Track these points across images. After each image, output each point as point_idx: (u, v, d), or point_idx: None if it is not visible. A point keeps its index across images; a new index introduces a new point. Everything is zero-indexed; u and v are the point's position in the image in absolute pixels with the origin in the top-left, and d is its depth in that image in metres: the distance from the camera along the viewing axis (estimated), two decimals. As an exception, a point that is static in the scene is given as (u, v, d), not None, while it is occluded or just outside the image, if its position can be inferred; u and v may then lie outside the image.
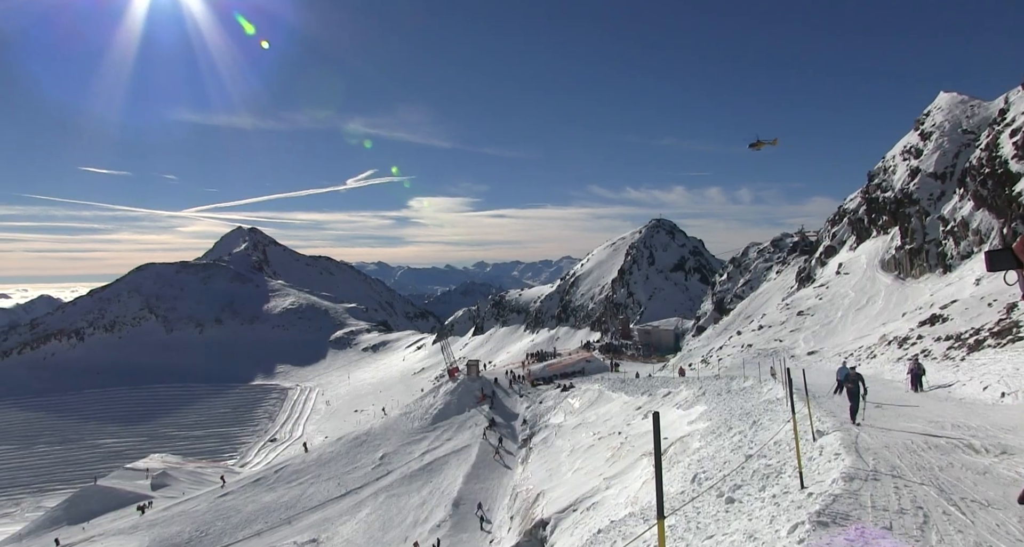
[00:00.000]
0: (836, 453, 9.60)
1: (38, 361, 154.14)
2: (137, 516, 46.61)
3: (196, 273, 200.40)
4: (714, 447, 15.54)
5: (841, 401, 16.18)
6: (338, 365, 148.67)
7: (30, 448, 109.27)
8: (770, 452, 11.61)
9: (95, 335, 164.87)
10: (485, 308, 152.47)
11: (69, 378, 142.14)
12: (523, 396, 47.83)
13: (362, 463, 41.17)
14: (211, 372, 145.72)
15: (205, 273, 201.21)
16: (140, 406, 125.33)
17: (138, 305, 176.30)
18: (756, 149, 49.69)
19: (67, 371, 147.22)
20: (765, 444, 12.45)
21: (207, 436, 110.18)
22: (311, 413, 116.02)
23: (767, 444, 12.36)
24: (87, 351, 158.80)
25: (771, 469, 10.11)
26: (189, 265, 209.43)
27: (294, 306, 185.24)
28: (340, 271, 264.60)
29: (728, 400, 23.16)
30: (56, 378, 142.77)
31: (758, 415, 17.19)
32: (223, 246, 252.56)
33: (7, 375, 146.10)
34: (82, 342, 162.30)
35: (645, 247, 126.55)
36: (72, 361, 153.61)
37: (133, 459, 79.03)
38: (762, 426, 15.29)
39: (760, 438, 13.78)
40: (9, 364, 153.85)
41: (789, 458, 10.28)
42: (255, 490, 42.08)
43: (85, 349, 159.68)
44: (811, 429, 12.12)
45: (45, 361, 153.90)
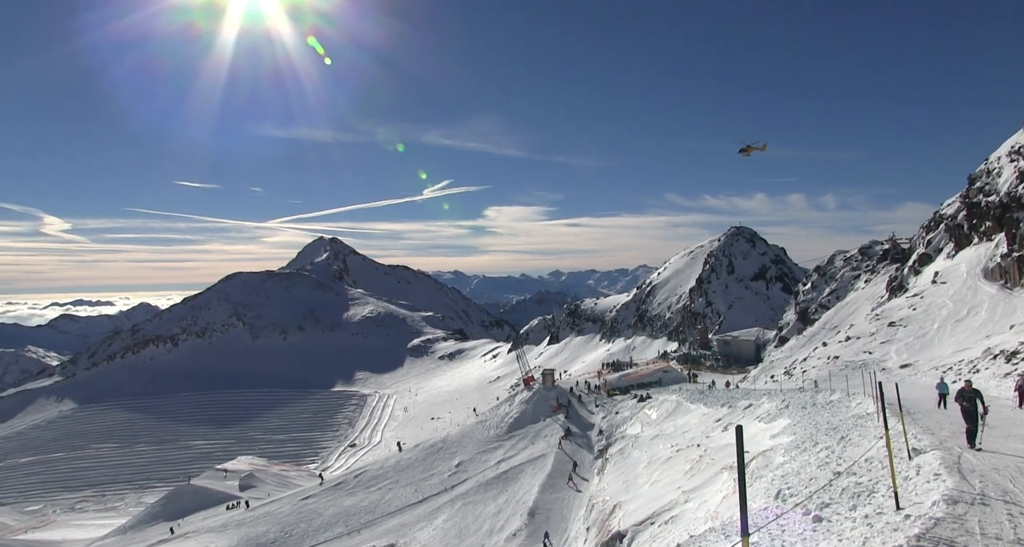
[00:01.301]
0: (936, 473, 8.97)
1: (138, 365, 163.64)
2: (226, 515, 48.65)
3: (280, 282, 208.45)
4: (799, 462, 14.89)
5: (943, 417, 15.23)
6: (415, 373, 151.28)
7: (131, 447, 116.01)
8: (860, 469, 11.01)
9: (188, 341, 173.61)
10: (560, 317, 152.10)
11: (165, 382, 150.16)
12: (599, 406, 47.32)
13: (439, 470, 41.62)
14: (294, 378, 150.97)
15: (288, 282, 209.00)
16: (228, 410, 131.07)
17: (227, 312, 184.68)
18: (745, 155, 48.04)
19: (163, 375, 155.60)
20: (855, 461, 11.83)
21: (290, 440, 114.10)
22: (389, 419, 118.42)
23: (857, 461, 11.73)
24: (181, 356, 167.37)
25: (862, 487, 9.58)
26: (274, 274, 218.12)
27: (373, 314, 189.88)
28: (417, 280, 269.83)
29: (813, 414, 22.20)
30: (153, 381, 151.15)
31: (846, 430, 16.38)
32: (305, 256, 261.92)
33: (111, 378, 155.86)
34: (176, 347, 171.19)
35: (724, 255, 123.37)
36: (167, 365, 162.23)
37: (222, 460, 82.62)
38: (851, 442, 14.55)
39: (849, 454, 13.11)
40: (113, 368, 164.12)
41: (882, 477, 9.72)
42: (336, 494, 43.17)
43: (179, 354, 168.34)
44: (906, 447, 11.42)
45: (144, 365, 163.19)
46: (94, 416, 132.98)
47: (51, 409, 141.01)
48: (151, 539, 47.28)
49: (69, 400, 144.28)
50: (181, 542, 42.26)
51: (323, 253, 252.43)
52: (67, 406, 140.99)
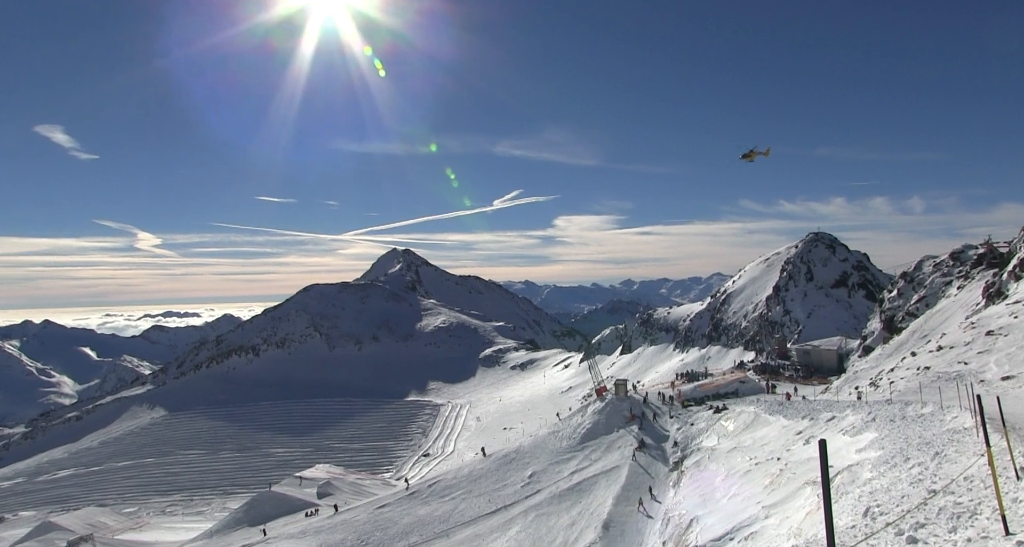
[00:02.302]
0: (1048, 495, 8.30)
1: (222, 374, 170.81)
2: (305, 522, 49.99)
3: (355, 293, 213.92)
4: (888, 479, 14.12)
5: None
6: (487, 383, 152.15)
7: (216, 454, 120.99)
8: (959, 489, 10.31)
9: (268, 351, 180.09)
10: (632, 327, 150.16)
11: (246, 390, 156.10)
12: (673, 417, 46.31)
13: (511, 480, 41.58)
14: (369, 387, 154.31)
15: (363, 293, 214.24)
16: (306, 418, 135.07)
17: (305, 323, 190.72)
18: (749, 160, 47.00)
19: (245, 384, 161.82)
20: (953, 479, 11.09)
21: (365, 449, 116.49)
22: (462, 429, 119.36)
23: (955, 479, 11.00)
24: (262, 366, 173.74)
25: (962, 508, 8.95)
26: (349, 285, 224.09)
27: (445, 324, 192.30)
28: (488, 290, 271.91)
29: (903, 427, 21.05)
30: (236, 390, 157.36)
31: (941, 446, 15.42)
32: (379, 267, 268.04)
33: (198, 386, 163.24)
34: (258, 357, 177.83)
35: (802, 262, 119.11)
36: (249, 375, 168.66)
37: (301, 468, 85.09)
38: (947, 458, 13.68)
39: (945, 472, 12.31)
40: (199, 376, 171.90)
41: (985, 497, 9.06)
42: (410, 503, 43.72)
43: (260, 364, 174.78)
44: (1013, 466, 10.62)
45: (227, 374, 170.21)
46: (182, 423, 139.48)
47: (144, 416, 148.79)
48: (235, 543, 49.02)
49: (160, 407, 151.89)
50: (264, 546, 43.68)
51: (396, 264, 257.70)
52: (158, 413, 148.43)
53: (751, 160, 47.18)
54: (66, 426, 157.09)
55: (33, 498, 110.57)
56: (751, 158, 47.06)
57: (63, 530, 69.21)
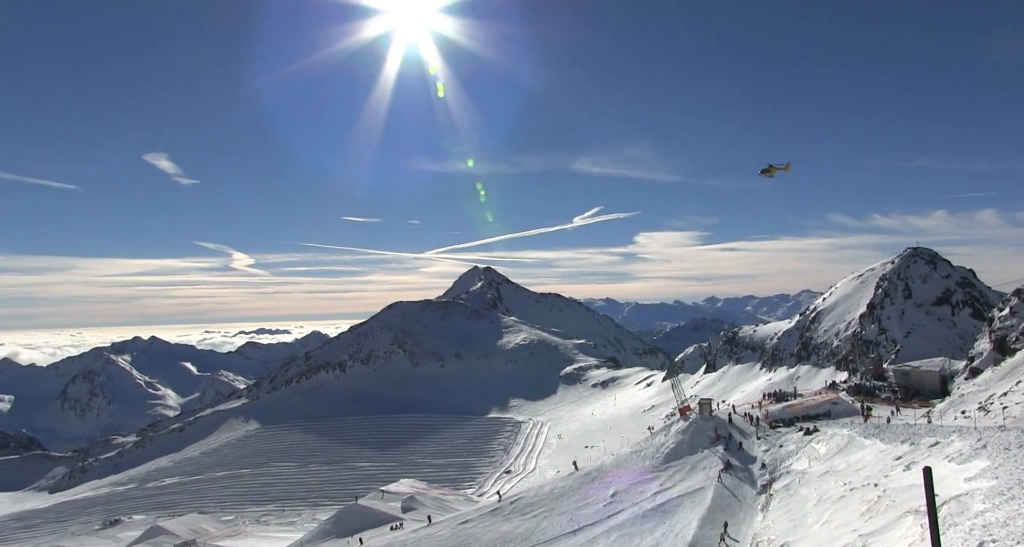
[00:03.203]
0: None
1: (311, 389, 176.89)
2: (390, 535, 50.95)
3: (438, 311, 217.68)
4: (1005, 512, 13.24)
5: None
6: (568, 400, 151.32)
7: (306, 467, 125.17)
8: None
9: (354, 367, 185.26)
10: (717, 345, 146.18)
11: (334, 405, 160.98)
12: (760, 438, 44.71)
13: (593, 500, 41.13)
14: (451, 404, 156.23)
15: (445, 311, 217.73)
16: (391, 433, 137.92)
17: (389, 340, 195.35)
18: (768, 176, 45.71)
19: (332, 399, 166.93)
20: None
21: (448, 465, 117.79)
22: (543, 447, 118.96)
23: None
24: (348, 381, 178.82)
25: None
26: (432, 303, 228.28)
27: (526, 342, 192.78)
28: (569, 307, 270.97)
29: (1020, 456, 19.67)
30: (324, 405, 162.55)
31: (1062, 475, 14.37)
32: (461, 285, 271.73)
33: (288, 401, 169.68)
34: (344, 373, 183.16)
35: (899, 279, 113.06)
36: (336, 390, 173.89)
37: (385, 482, 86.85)
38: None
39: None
40: (290, 391, 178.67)
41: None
42: (492, 520, 43.88)
43: (346, 379, 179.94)
44: None
45: (316, 390, 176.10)
46: (275, 436, 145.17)
47: (239, 428, 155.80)
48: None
49: (254, 421, 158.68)
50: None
51: (477, 282, 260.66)
52: (252, 426, 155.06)
53: (771, 176, 46.26)
54: (171, 437, 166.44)
55: (144, 503, 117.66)
56: (771, 174, 46.11)
57: (170, 534, 73.35)
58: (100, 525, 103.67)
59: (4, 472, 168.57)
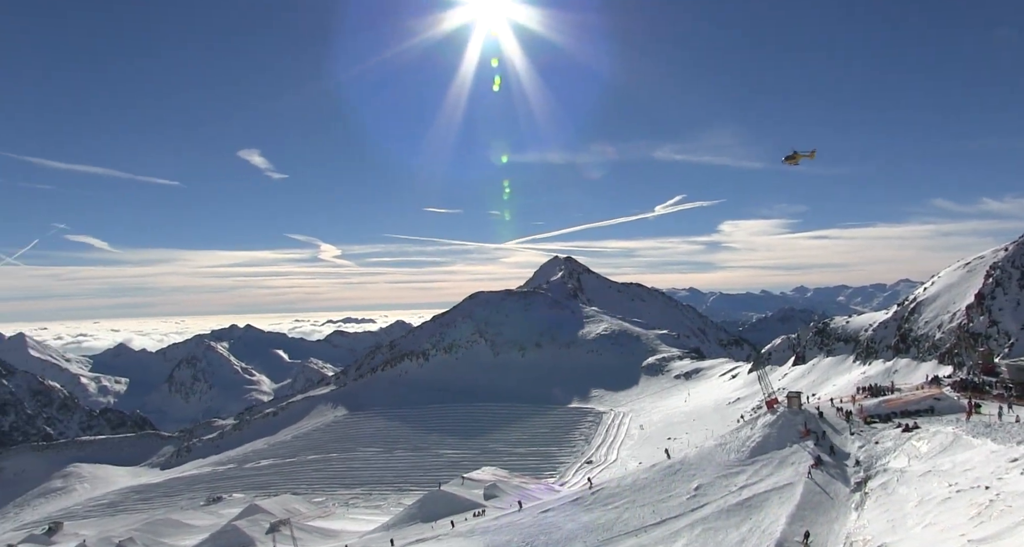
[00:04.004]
0: None
1: (395, 377, 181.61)
2: (473, 521, 51.78)
3: (518, 300, 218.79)
4: None
5: None
6: (650, 391, 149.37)
7: (391, 452, 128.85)
8: None
9: (437, 356, 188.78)
10: (806, 336, 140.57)
11: (417, 394, 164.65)
12: (854, 434, 42.71)
13: (676, 492, 40.46)
14: (532, 393, 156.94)
15: (526, 300, 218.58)
16: (473, 422, 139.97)
17: (470, 330, 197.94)
18: (793, 163, 43.66)
19: (416, 387, 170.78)
20: None
21: (529, 454, 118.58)
22: (625, 438, 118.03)
23: None
24: (431, 370, 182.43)
25: None
26: (512, 293, 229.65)
27: (607, 332, 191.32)
28: (651, 297, 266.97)
29: None
30: (408, 393, 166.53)
31: None
32: (541, 275, 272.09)
33: (374, 389, 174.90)
34: (427, 362, 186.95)
35: (1014, 267, 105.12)
36: (420, 378, 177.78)
37: (468, 469, 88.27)
38: None
39: None
40: (376, 379, 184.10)
41: None
42: (574, 509, 43.86)
43: (429, 368, 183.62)
44: None
45: (400, 378, 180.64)
46: (362, 422, 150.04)
47: (328, 414, 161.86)
48: (410, 537, 51.82)
49: (342, 407, 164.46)
50: (435, 543, 45.77)
51: (558, 272, 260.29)
52: (340, 412, 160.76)
53: (795, 163, 43.87)
54: (265, 421, 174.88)
55: (242, 482, 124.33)
56: (795, 161, 43.74)
57: (266, 513, 77.20)
58: (204, 501, 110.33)
59: (123, 449, 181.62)
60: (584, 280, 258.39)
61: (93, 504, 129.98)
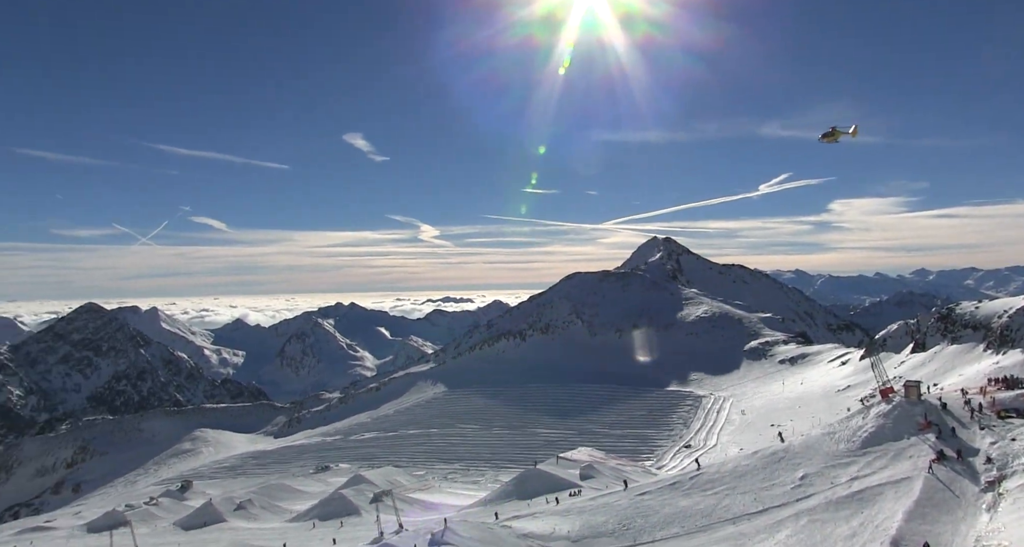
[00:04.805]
0: None
1: (493, 356, 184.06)
2: (568, 501, 51.76)
3: (615, 282, 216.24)
4: None
5: None
6: (752, 376, 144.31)
7: (489, 430, 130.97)
8: None
9: (534, 336, 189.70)
10: (928, 322, 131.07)
11: (514, 373, 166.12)
12: (984, 429, 39.34)
13: (780, 481, 38.79)
14: (629, 375, 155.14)
15: (623, 282, 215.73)
16: (569, 402, 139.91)
17: (567, 310, 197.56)
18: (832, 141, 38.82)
19: (513, 366, 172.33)
20: None
21: (625, 436, 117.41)
22: (725, 423, 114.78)
23: None
24: (528, 350, 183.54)
25: None
26: (609, 274, 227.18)
27: (707, 314, 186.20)
28: (754, 279, 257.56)
29: None
30: (505, 372, 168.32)
31: None
32: (639, 256, 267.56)
33: (472, 367, 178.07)
34: (524, 342, 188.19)
35: None
36: (516, 358, 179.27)
37: (564, 449, 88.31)
38: None
39: None
40: (473, 358, 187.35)
41: None
42: (671, 494, 42.96)
43: (526, 348, 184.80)
44: None
45: (497, 357, 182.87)
46: (460, 399, 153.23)
47: (428, 391, 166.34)
48: (507, 513, 52.43)
49: (441, 384, 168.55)
50: (530, 520, 46.01)
51: (656, 253, 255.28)
52: (440, 389, 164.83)
53: (835, 141, 39.49)
54: (369, 395, 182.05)
55: (347, 454, 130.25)
56: (835, 138, 39.35)
57: (370, 483, 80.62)
58: (313, 469, 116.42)
59: (241, 417, 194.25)
60: (683, 261, 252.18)
61: (217, 466, 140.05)
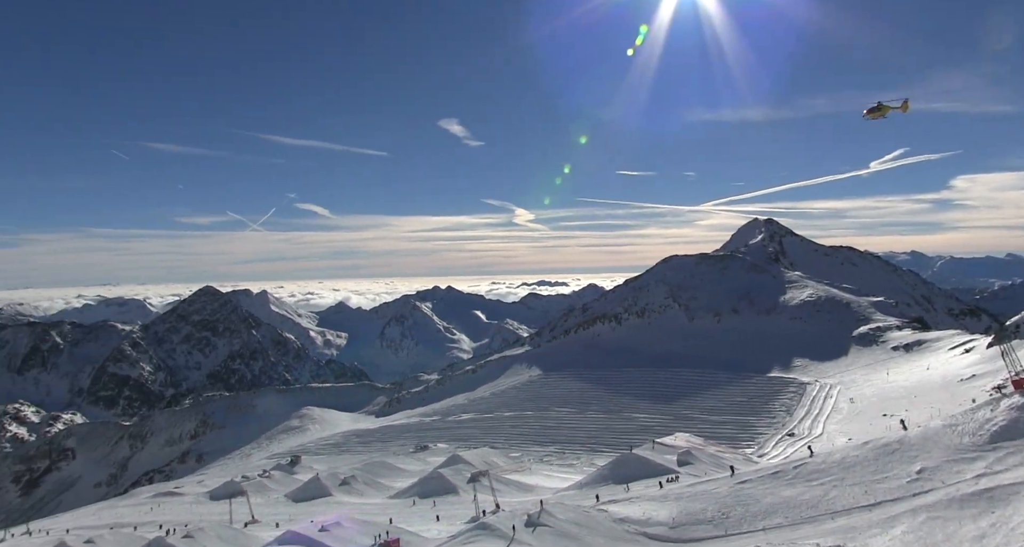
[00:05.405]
0: None
1: (588, 340, 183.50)
2: (666, 487, 51.00)
3: (714, 265, 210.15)
4: None
5: None
6: (862, 363, 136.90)
7: (584, 413, 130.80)
8: None
9: (629, 320, 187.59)
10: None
11: (610, 357, 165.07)
12: None
13: (894, 474, 36.57)
14: (728, 360, 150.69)
15: (722, 265, 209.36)
16: (665, 387, 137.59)
17: (663, 294, 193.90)
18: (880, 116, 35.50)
19: (608, 350, 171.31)
20: None
21: (724, 422, 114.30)
22: (832, 411, 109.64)
23: None
24: (623, 334, 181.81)
25: None
26: (708, 257, 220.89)
27: (812, 298, 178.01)
28: (864, 262, 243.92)
29: None
30: (600, 356, 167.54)
31: None
32: (739, 238, 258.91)
33: (568, 350, 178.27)
34: (619, 326, 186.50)
35: None
36: (612, 342, 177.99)
37: (660, 434, 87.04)
38: None
39: None
40: (568, 341, 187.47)
41: None
42: (773, 483, 41.48)
43: (622, 332, 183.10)
44: None
45: (592, 340, 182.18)
46: (555, 383, 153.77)
47: (523, 374, 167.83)
48: (603, 497, 52.26)
49: (536, 367, 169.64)
50: (626, 505, 45.65)
51: (757, 235, 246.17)
52: (535, 372, 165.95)
53: (883, 116, 34.92)
54: (465, 377, 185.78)
55: (444, 434, 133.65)
56: (882, 114, 34.80)
57: (467, 463, 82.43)
58: (413, 448, 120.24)
59: (343, 397, 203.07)
60: (786, 243, 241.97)
61: (323, 443, 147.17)
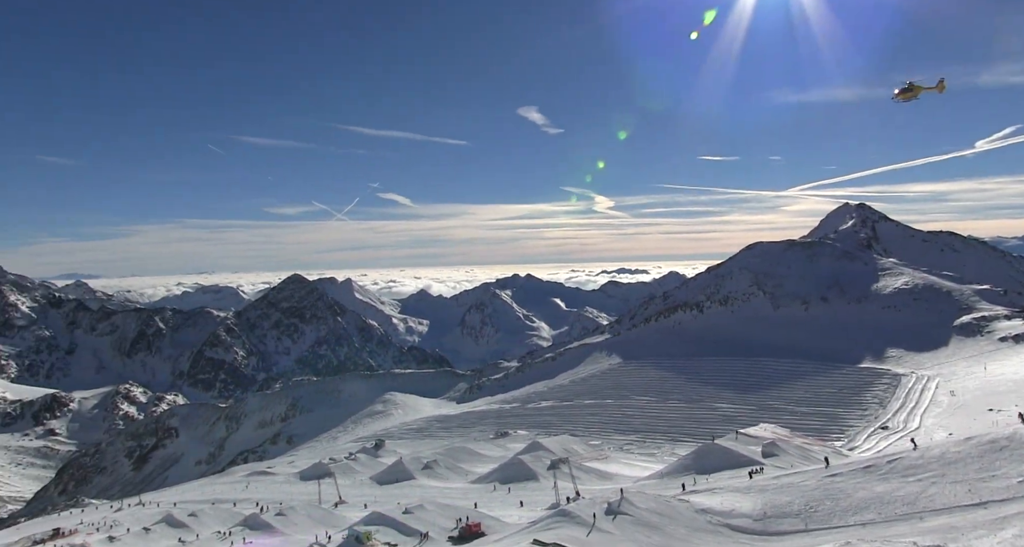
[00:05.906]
0: None
1: (669, 328, 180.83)
2: (748, 478, 50.16)
3: (801, 251, 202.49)
4: None
5: None
6: (964, 354, 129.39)
7: (664, 402, 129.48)
8: None
9: (712, 308, 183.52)
10: None
11: (691, 345, 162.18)
12: None
13: (1002, 473, 34.74)
14: (816, 350, 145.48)
15: (810, 251, 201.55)
16: (750, 377, 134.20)
17: (747, 282, 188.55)
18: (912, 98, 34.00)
19: (690, 339, 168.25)
20: None
21: (812, 414, 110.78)
22: (930, 404, 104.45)
23: None
24: (705, 322, 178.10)
25: None
26: (795, 243, 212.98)
27: (908, 286, 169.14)
28: (967, 247, 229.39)
29: None
30: (681, 344, 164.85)
31: None
32: (828, 224, 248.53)
33: (648, 338, 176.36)
34: (701, 314, 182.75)
35: None
36: (693, 330, 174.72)
37: (744, 425, 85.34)
38: None
39: None
40: (648, 330, 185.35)
41: None
42: (865, 477, 40.20)
43: (704, 320, 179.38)
44: None
45: (673, 329, 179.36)
46: (635, 371, 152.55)
47: (603, 362, 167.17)
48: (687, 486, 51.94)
49: (616, 355, 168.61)
50: (709, 496, 45.24)
51: (848, 220, 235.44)
52: (615, 360, 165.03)
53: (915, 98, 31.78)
54: (545, 364, 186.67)
55: (524, 421, 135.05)
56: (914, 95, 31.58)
57: (546, 451, 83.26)
58: (493, 435, 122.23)
59: (426, 383, 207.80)
60: (880, 229, 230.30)
61: (405, 428, 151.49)
